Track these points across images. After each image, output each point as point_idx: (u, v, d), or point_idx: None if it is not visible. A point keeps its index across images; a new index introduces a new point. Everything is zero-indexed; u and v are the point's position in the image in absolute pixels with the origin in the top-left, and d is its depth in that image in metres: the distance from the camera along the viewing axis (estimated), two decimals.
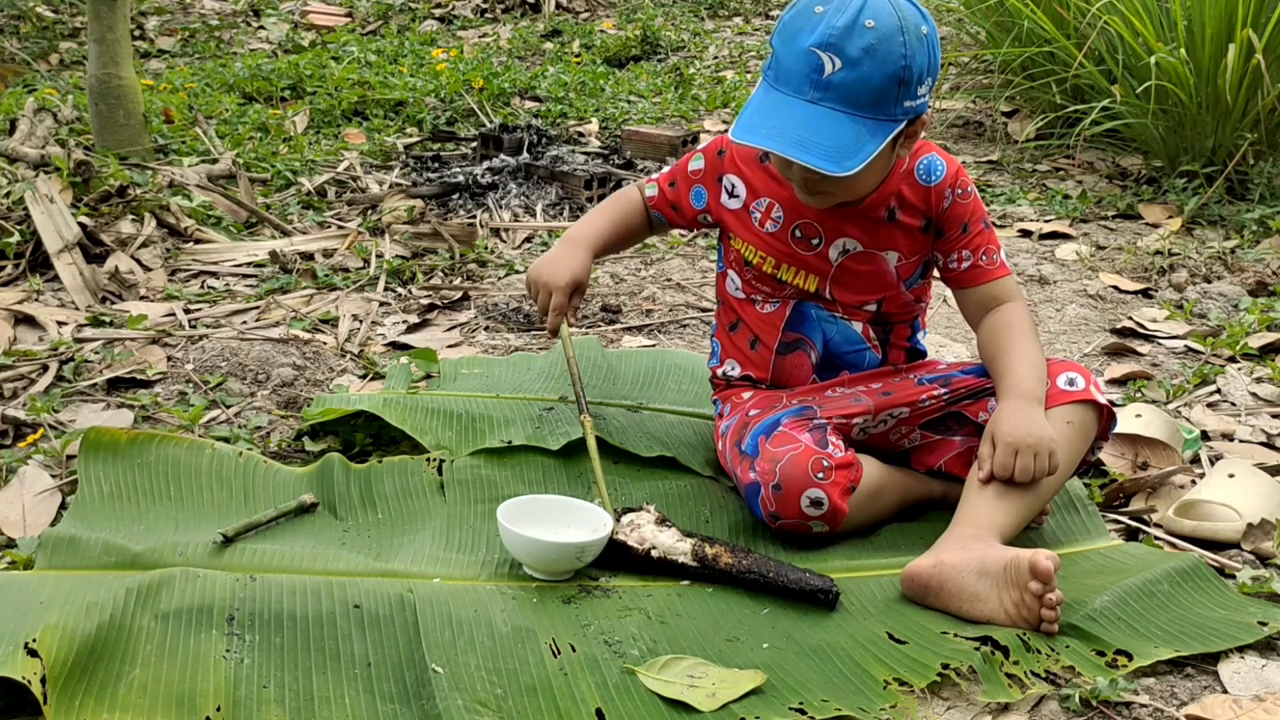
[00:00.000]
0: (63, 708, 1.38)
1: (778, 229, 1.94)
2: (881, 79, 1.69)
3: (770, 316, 1.99)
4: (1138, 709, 1.49)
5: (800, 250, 1.94)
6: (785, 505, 1.79)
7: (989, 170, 4.26)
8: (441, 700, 1.44)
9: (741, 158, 1.99)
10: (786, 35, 1.74)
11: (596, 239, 2.10)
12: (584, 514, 1.80)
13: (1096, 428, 1.87)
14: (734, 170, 1.99)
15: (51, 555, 1.70)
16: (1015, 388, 1.82)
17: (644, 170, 4.03)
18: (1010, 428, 1.77)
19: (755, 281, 1.99)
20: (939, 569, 1.66)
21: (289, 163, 4.02)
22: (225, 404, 2.31)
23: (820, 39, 1.69)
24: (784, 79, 1.74)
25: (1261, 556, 1.86)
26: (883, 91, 1.70)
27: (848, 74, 1.69)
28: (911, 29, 1.71)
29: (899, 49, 1.69)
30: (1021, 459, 1.74)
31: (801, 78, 1.71)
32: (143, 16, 6.69)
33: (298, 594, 1.62)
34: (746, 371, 2.04)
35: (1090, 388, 1.85)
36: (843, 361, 1.99)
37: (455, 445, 2.09)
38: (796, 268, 1.94)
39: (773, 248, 1.95)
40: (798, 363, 1.99)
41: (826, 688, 1.50)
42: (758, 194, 1.96)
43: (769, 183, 1.95)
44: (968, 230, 1.94)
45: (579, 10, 7.25)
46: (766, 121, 1.73)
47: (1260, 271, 3.14)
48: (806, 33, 1.71)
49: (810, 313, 1.97)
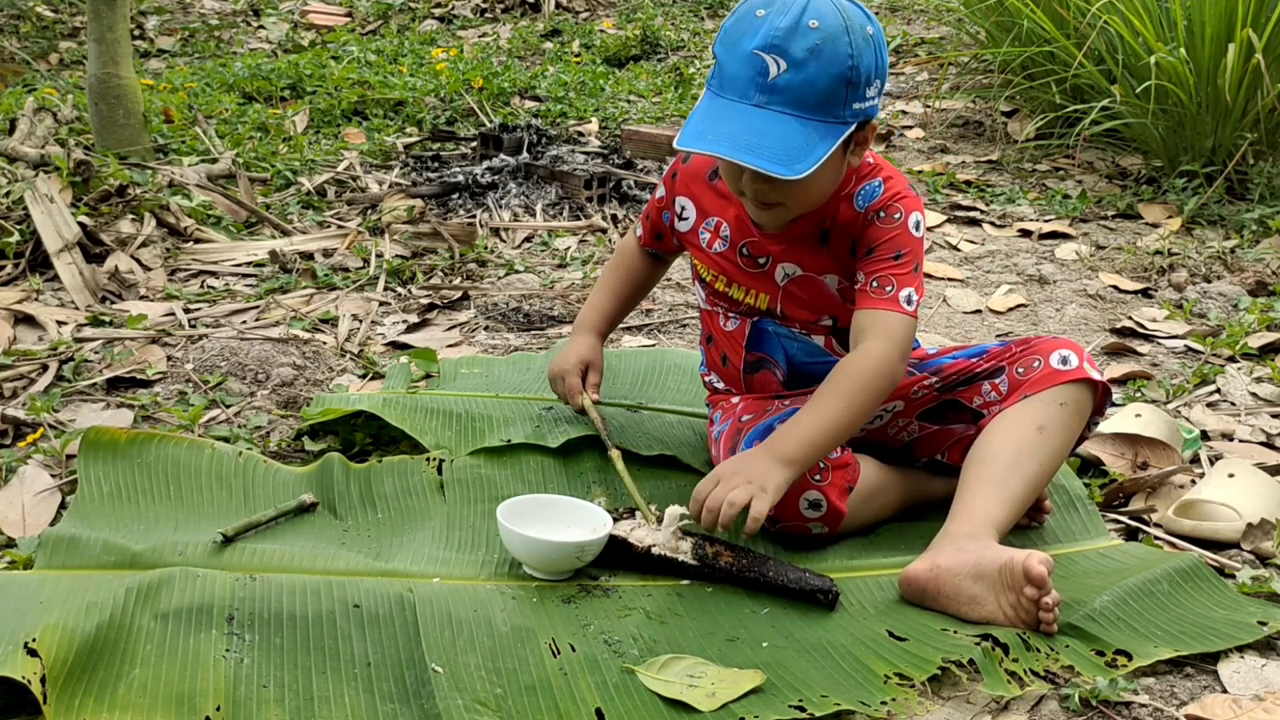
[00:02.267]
0: (62, 707, 1.38)
1: (726, 248, 1.93)
2: (828, 80, 1.67)
3: (733, 334, 1.98)
4: (1137, 709, 1.49)
5: (748, 269, 1.93)
6: (784, 507, 1.78)
7: (989, 170, 4.26)
8: (441, 700, 1.44)
9: (690, 178, 1.98)
10: (729, 41, 1.72)
11: (600, 318, 2.18)
12: (584, 514, 1.80)
13: (1092, 405, 1.85)
14: (684, 192, 1.99)
15: (51, 555, 1.70)
16: (776, 441, 1.74)
17: (644, 170, 4.03)
18: (725, 464, 1.73)
19: (713, 298, 1.99)
20: (935, 573, 1.66)
21: (289, 162, 4.02)
22: (225, 404, 2.31)
23: (763, 41, 1.67)
24: (728, 85, 1.71)
25: (1261, 556, 1.86)
26: (830, 93, 1.67)
27: (793, 75, 1.66)
28: (857, 29, 1.68)
29: (845, 49, 1.67)
30: (720, 488, 1.69)
31: (746, 82, 1.68)
32: (143, 16, 6.69)
33: (298, 594, 1.62)
34: (727, 384, 2.04)
35: (1084, 365, 1.84)
36: (812, 375, 1.94)
37: (455, 445, 2.09)
38: (747, 286, 1.94)
39: (722, 267, 1.95)
40: (765, 380, 1.98)
41: (826, 684, 1.50)
42: (706, 214, 1.96)
43: (717, 201, 1.94)
44: (873, 254, 1.82)
45: (579, 10, 7.24)
46: (713, 128, 1.69)
47: (1260, 271, 3.14)
48: (749, 36, 1.68)
49: (769, 329, 1.95)
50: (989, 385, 1.89)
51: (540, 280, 3.11)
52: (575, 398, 2.10)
